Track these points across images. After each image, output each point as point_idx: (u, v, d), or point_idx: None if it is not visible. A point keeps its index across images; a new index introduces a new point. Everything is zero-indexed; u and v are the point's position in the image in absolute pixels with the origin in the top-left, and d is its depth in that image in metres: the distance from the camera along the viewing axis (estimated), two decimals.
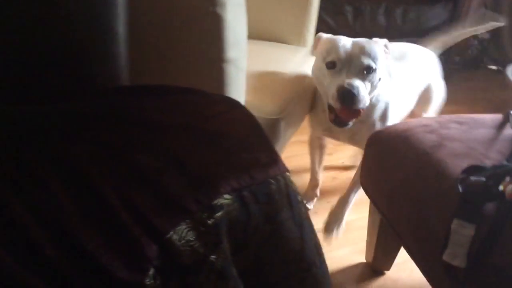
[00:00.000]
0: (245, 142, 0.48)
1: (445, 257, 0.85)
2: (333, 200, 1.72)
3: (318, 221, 1.61)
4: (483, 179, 0.86)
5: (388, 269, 1.42)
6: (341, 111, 1.18)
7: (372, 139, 1.22)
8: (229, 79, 0.95)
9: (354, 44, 1.20)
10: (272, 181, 0.48)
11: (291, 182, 0.51)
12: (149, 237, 0.40)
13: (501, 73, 2.54)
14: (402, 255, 1.13)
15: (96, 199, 0.41)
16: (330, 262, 0.66)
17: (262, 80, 1.29)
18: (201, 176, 0.44)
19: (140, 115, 0.48)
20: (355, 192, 1.43)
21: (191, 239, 0.42)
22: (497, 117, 1.17)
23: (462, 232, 0.84)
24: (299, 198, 0.52)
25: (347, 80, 1.14)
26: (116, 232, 0.39)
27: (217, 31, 0.87)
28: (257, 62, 1.40)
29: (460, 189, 0.89)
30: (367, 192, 1.24)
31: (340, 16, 2.36)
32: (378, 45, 1.24)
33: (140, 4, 0.76)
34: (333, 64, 1.17)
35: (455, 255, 0.84)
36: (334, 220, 1.43)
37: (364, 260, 1.46)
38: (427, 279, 1.00)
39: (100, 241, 0.39)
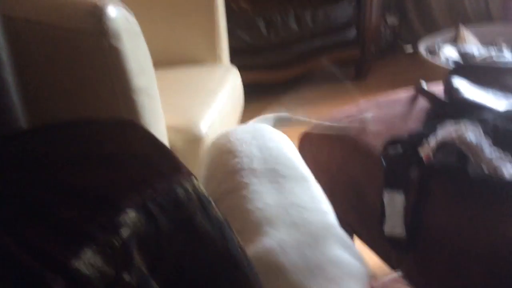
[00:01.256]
0: (144, 157, 0.49)
1: (386, 230, 0.88)
2: None
3: None
4: (400, 148, 0.91)
5: None
6: None
7: (303, 137, 1.26)
8: (142, 108, 0.95)
9: None
10: (178, 187, 0.49)
11: (200, 185, 0.52)
12: (52, 272, 0.39)
13: (416, 52, 2.68)
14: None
15: None
16: None
17: (182, 103, 1.30)
18: (100, 198, 0.44)
19: (30, 155, 0.48)
20: None
21: (99, 264, 0.42)
22: (410, 92, 1.24)
23: (394, 202, 0.88)
24: (211, 199, 0.53)
25: None
26: (16, 274, 0.38)
27: (118, 63, 0.88)
28: (176, 86, 1.42)
29: (383, 163, 0.94)
30: None
31: (253, 29, 2.42)
32: None
33: (30, 48, 0.76)
34: None
35: (394, 226, 0.87)
36: None
37: None
38: (378, 255, 1.03)
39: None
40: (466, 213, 0.80)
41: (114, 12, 0.86)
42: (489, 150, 0.79)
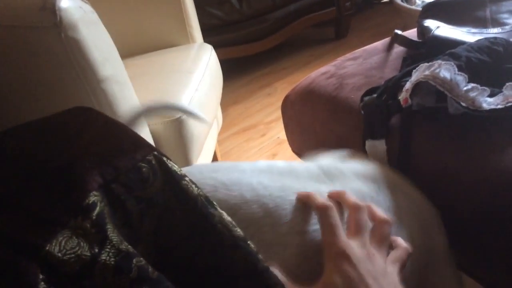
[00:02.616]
0: (103, 135, 0.48)
1: None
2: None
3: None
4: (374, 95, 0.90)
5: None
6: None
7: (284, 103, 1.25)
8: (114, 97, 0.94)
9: None
10: (143, 164, 0.48)
11: (166, 159, 0.51)
12: (26, 259, 0.39)
13: (392, 2, 2.65)
14: None
15: None
16: None
17: (158, 86, 1.29)
18: (64, 179, 0.43)
19: None
20: None
21: (73, 246, 0.42)
22: (387, 40, 1.23)
23: (376, 150, 0.88)
24: (183, 173, 0.52)
25: None
26: None
27: (79, 54, 0.86)
28: (150, 71, 1.40)
29: (362, 112, 0.93)
30: (299, 155, 1.27)
31: (225, 4, 2.38)
32: None
33: None
34: None
35: None
36: None
37: None
38: None
39: None
40: (451, 149, 0.80)
41: (67, 3, 0.84)
42: (464, 84, 0.78)
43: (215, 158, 1.85)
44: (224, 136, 2.04)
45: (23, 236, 0.40)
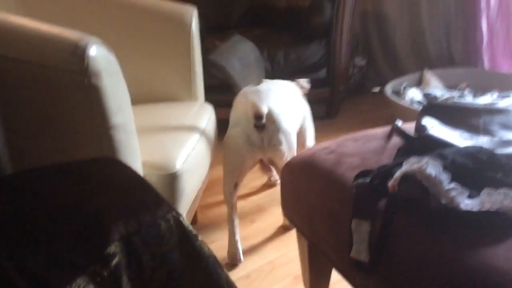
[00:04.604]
0: (129, 189, 0.50)
1: (352, 254, 0.92)
2: (256, 243, 1.76)
3: (245, 266, 1.63)
4: (367, 179, 0.95)
5: None
6: None
7: (285, 170, 1.30)
8: (120, 145, 0.97)
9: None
10: (162, 221, 0.51)
11: (183, 219, 0.53)
12: None
13: (382, 93, 2.78)
14: (336, 274, 1.18)
15: None
16: None
17: (158, 139, 1.32)
18: (90, 226, 0.45)
19: (25, 191, 0.49)
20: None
21: None
22: (387, 129, 1.30)
23: (361, 230, 0.92)
24: (196, 233, 0.54)
25: None
26: None
27: (97, 101, 0.89)
28: (152, 123, 1.44)
29: (353, 192, 0.98)
30: (291, 221, 1.31)
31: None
32: None
33: (12, 86, 0.77)
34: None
35: (359, 251, 0.92)
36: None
37: None
38: (350, 283, 1.05)
39: None
40: (426, 241, 0.84)
41: (95, 51, 0.89)
42: (447, 183, 0.84)
43: (195, 216, 1.85)
44: (206, 193, 2.05)
45: (45, 274, 0.41)
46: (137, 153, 1.05)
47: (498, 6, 2.85)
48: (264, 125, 1.47)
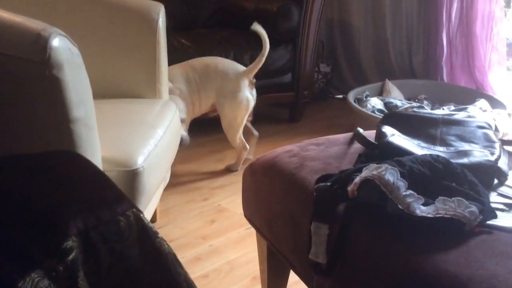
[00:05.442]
0: (89, 184, 0.50)
1: (310, 256, 0.94)
2: (216, 243, 1.76)
3: (204, 266, 1.62)
4: (328, 183, 0.97)
5: None
6: None
7: (246, 171, 1.30)
8: (80, 139, 0.95)
9: None
10: (121, 218, 0.50)
11: (143, 216, 0.53)
12: None
13: (345, 100, 2.83)
14: (294, 275, 1.19)
15: None
16: None
17: (119, 135, 1.30)
18: (47, 220, 0.44)
19: None
20: None
21: (45, 287, 0.42)
22: (348, 135, 1.32)
23: (319, 233, 0.94)
24: (156, 231, 0.53)
25: None
26: None
27: (58, 93, 0.87)
28: (114, 118, 1.41)
29: (314, 195, 0.99)
30: (251, 222, 1.31)
31: None
32: None
33: None
34: None
35: (317, 254, 0.93)
36: None
37: None
38: (307, 286, 1.07)
39: None
40: (382, 245, 0.87)
41: (58, 42, 0.86)
42: (403, 189, 0.87)
43: (154, 214, 1.83)
44: (167, 192, 2.03)
45: (0, 271, 0.40)
46: (97, 148, 1.03)
47: (458, 21, 2.95)
48: None
